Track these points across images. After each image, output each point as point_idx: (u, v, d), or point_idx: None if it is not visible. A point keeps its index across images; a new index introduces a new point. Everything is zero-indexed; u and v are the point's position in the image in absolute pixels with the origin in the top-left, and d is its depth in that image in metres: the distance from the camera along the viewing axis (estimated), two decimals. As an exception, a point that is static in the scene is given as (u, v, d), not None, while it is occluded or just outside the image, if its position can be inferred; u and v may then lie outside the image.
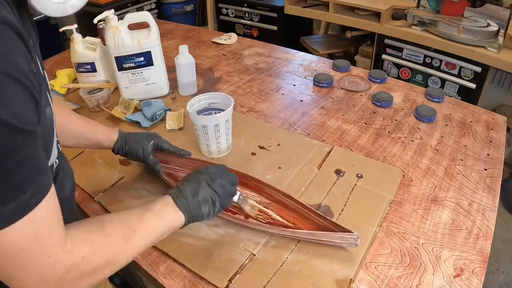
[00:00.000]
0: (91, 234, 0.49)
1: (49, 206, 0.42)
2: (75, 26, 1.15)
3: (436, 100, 1.14)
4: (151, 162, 0.82)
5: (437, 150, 0.95)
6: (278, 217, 0.75)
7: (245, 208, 0.72)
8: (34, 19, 0.51)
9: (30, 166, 0.39)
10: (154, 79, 1.15)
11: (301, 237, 0.71)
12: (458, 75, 1.88)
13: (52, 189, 0.43)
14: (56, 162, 0.53)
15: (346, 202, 0.80)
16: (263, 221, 0.74)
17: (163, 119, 1.08)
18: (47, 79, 0.50)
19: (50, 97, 0.50)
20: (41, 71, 0.46)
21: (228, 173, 0.67)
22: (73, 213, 0.62)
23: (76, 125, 0.76)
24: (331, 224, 0.70)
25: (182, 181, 0.63)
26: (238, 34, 1.65)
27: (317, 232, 0.69)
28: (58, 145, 0.55)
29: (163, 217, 0.57)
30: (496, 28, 1.73)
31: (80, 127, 0.77)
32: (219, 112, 0.90)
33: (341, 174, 0.87)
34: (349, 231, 0.67)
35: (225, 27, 2.93)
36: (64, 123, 0.71)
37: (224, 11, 2.89)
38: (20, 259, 0.40)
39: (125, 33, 1.05)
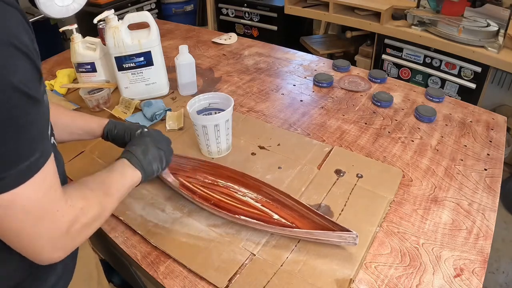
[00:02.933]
0: (82, 191, 0.55)
1: (53, 167, 0.47)
2: (75, 26, 1.15)
3: (436, 100, 1.14)
4: None
5: (437, 150, 0.95)
6: (276, 216, 0.75)
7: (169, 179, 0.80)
8: (34, 19, 0.53)
9: (38, 130, 0.43)
10: (154, 79, 1.15)
11: (300, 236, 0.71)
12: (458, 75, 1.88)
13: (52, 154, 0.47)
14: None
15: (346, 202, 0.80)
16: (262, 220, 0.74)
17: (163, 119, 1.08)
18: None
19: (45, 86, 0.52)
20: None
21: (165, 135, 0.77)
22: None
23: (67, 116, 0.78)
24: (330, 223, 0.70)
25: (129, 145, 0.71)
26: (238, 34, 1.65)
27: (315, 231, 0.69)
28: (53, 138, 0.58)
29: (125, 175, 0.65)
30: (496, 28, 1.73)
31: (72, 117, 0.79)
32: (219, 112, 0.90)
33: (341, 174, 0.87)
34: (348, 230, 0.67)
35: (225, 27, 2.94)
36: (55, 116, 0.74)
37: (224, 11, 2.89)
38: (35, 215, 0.44)
39: (125, 33, 1.05)
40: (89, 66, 1.18)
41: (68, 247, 0.51)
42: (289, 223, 0.74)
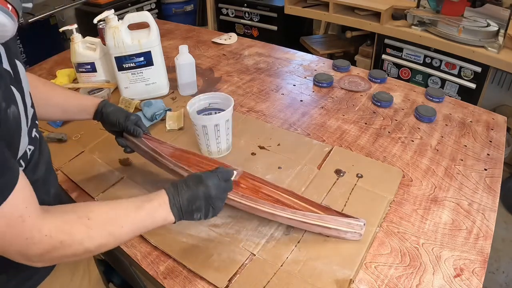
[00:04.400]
0: (72, 225, 0.51)
1: (18, 198, 0.46)
2: (75, 26, 1.15)
3: (436, 100, 1.14)
4: (131, 122, 0.80)
5: (437, 150, 0.95)
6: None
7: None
8: (33, 19, 0.52)
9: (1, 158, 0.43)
10: (154, 79, 1.15)
11: (309, 222, 0.69)
12: (458, 75, 1.88)
13: (21, 181, 0.46)
14: (30, 149, 0.55)
15: (346, 202, 0.80)
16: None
17: (163, 119, 1.08)
18: (12, 72, 0.51)
19: (19, 86, 0.52)
20: (3, 62, 0.48)
21: (226, 182, 0.65)
22: (49, 194, 0.64)
23: (60, 95, 0.78)
24: (336, 213, 0.71)
25: (182, 183, 0.62)
26: (238, 34, 1.65)
27: (326, 215, 0.69)
28: (34, 130, 0.58)
29: (154, 217, 0.58)
30: (496, 28, 1.73)
31: (65, 95, 0.79)
32: (219, 112, 0.90)
33: (341, 174, 0.87)
34: (356, 218, 0.68)
35: (225, 27, 2.94)
36: (48, 97, 0.74)
37: (224, 11, 2.89)
38: (1, 243, 0.46)
39: (125, 33, 1.05)
40: (89, 66, 1.18)
41: (48, 264, 0.52)
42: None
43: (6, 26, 0.43)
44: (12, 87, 0.50)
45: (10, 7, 0.43)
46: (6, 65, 0.49)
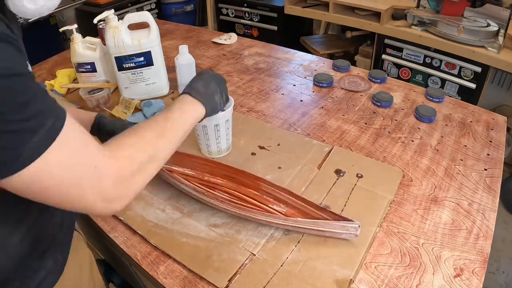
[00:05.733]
0: (126, 140, 0.55)
1: (74, 126, 0.46)
2: (75, 26, 1.15)
3: (436, 100, 1.14)
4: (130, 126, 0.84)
5: (437, 150, 0.95)
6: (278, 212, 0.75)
7: None
8: (33, 19, 0.53)
9: (43, 98, 0.43)
10: (154, 79, 1.15)
11: (303, 228, 0.70)
12: (458, 75, 1.88)
13: (69, 114, 0.47)
14: None
15: (346, 202, 0.80)
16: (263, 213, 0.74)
17: (163, 119, 1.07)
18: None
19: None
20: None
21: (217, 73, 0.77)
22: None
23: None
24: (332, 215, 0.70)
25: (190, 82, 0.71)
26: (238, 34, 1.65)
27: (319, 221, 0.69)
28: None
29: (184, 111, 0.66)
30: (496, 28, 1.73)
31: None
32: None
33: (341, 174, 0.87)
34: (350, 220, 0.68)
35: (225, 27, 2.94)
36: None
37: (224, 11, 2.89)
38: (71, 177, 0.45)
39: (125, 33, 1.05)
40: (89, 66, 1.18)
41: (123, 196, 0.51)
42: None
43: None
44: None
45: None
46: (30, 69, 0.50)
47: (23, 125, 0.40)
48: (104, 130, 0.80)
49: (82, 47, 1.16)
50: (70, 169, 0.45)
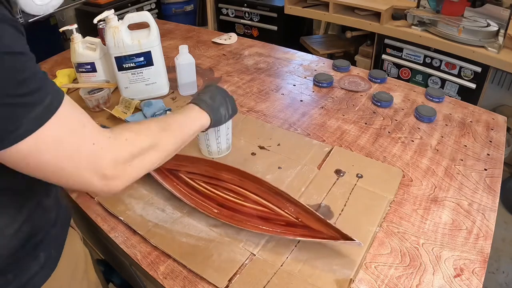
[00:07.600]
0: (130, 126, 0.57)
1: (72, 106, 0.48)
2: (75, 26, 1.15)
3: (436, 100, 1.14)
4: None
5: (437, 150, 0.95)
6: (280, 211, 0.75)
7: None
8: (33, 19, 0.55)
9: (43, 78, 0.45)
10: (154, 79, 1.15)
11: (302, 239, 0.70)
12: (458, 75, 1.88)
13: (67, 95, 0.48)
14: None
15: (346, 202, 0.80)
16: (266, 217, 0.74)
17: (163, 119, 1.07)
18: None
19: None
20: None
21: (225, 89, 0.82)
22: (49, 195, 0.64)
23: None
24: (332, 229, 0.69)
25: (197, 93, 0.77)
26: (238, 34, 1.65)
27: (320, 240, 0.68)
28: None
29: (190, 117, 0.70)
30: (496, 28, 1.73)
31: None
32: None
33: (341, 174, 0.87)
34: (351, 239, 0.65)
35: (225, 27, 2.94)
36: None
37: (224, 11, 2.89)
38: (66, 149, 0.46)
39: (125, 33, 1.05)
40: (89, 66, 1.18)
41: (121, 176, 0.51)
42: (293, 218, 0.73)
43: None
44: None
45: None
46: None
47: (22, 100, 0.42)
48: None
49: (82, 47, 1.16)
50: (67, 144, 0.46)
